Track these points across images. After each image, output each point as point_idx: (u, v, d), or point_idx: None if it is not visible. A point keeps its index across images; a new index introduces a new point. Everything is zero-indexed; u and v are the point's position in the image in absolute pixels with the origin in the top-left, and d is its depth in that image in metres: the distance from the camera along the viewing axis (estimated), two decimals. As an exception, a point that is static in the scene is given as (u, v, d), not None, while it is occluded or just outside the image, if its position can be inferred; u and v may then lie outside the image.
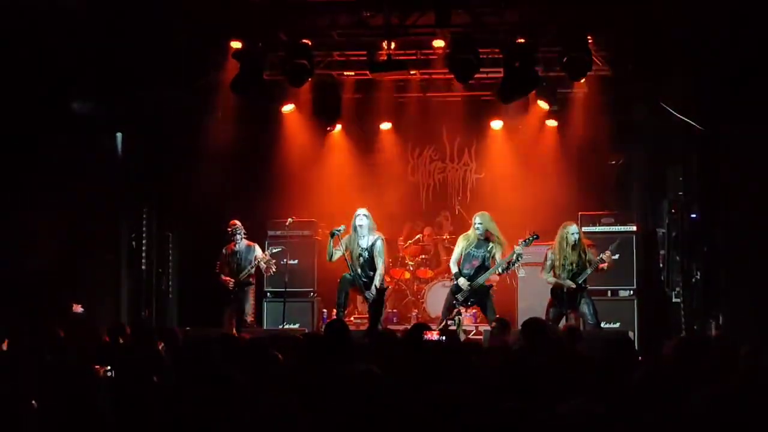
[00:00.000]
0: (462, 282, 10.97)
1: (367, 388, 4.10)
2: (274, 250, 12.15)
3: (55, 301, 10.62)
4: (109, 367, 6.47)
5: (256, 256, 11.98)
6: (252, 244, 12.20)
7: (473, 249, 11.06)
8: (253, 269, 11.99)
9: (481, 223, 11.06)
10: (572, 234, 10.82)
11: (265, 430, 3.79)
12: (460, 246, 11.23)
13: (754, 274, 10.43)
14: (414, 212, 15.11)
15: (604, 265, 10.83)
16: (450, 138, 15.47)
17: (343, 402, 4.11)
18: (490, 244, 11.02)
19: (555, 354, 6.29)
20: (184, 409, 4.52)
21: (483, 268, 10.98)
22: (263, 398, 4.04)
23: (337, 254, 11.13)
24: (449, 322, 10.63)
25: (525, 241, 10.99)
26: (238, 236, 12.02)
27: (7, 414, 4.58)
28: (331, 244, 11.09)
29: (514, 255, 10.85)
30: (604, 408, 4.15)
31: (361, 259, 11.11)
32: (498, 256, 10.94)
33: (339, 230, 11.04)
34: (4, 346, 7.29)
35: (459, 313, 10.94)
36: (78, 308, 10.92)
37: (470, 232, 11.22)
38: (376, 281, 11.09)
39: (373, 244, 11.14)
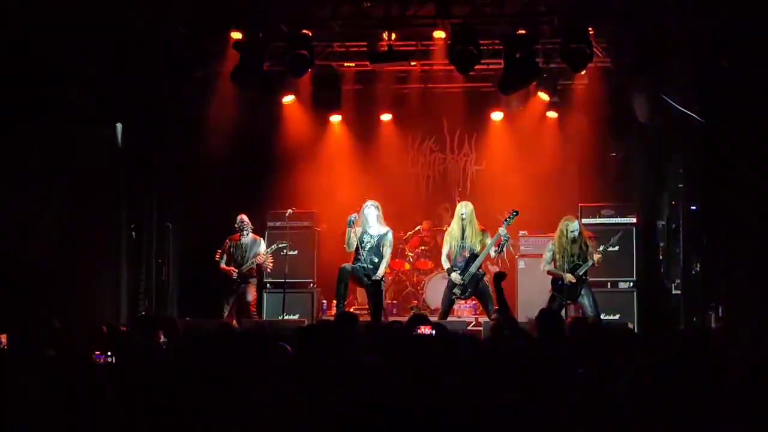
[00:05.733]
0: (455, 276, 11.04)
1: (373, 379, 4.11)
2: (280, 245, 12.12)
3: (54, 293, 10.60)
4: (109, 353, 6.47)
5: (257, 253, 11.97)
6: (258, 238, 12.21)
7: (461, 241, 11.10)
8: (255, 264, 11.99)
9: (465, 213, 11.10)
10: (572, 231, 10.86)
11: (266, 421, 3.79)
12: (448, 242, 11.27)
13: (753, 266, 10.43)
14: (414, 204, 15.09)
15: (597, 260, 10.86)
16: (450, 129, 15.46)
17: (348, 393, 4.12)
18: (473, 233, 11.06)
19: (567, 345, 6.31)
20: (184, 399, 4.52)
21: (473, 257, 11.03)
22: (264, 389, 4.05)
23: (354, 242, 11.19)
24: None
25: (507, 220, 11.02)
26: (245, 231, 12.04)
27: (7, 409, 4.59)
28: (349, 232, 11.14)
29: (501, 236, 10.87)
30: (603, 400, 4.16)
31: (369, 244, 11.20)
32: (486, 242, 11.00)
33: (354, 218, 11.14)
34: (3, 340, 7.27)
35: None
36: None
37: (454, 225, 11.25)
38: (382, 267, 11.19)
39: (384, 235, 11.29)
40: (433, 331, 6.84)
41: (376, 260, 11.22)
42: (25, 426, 4.48)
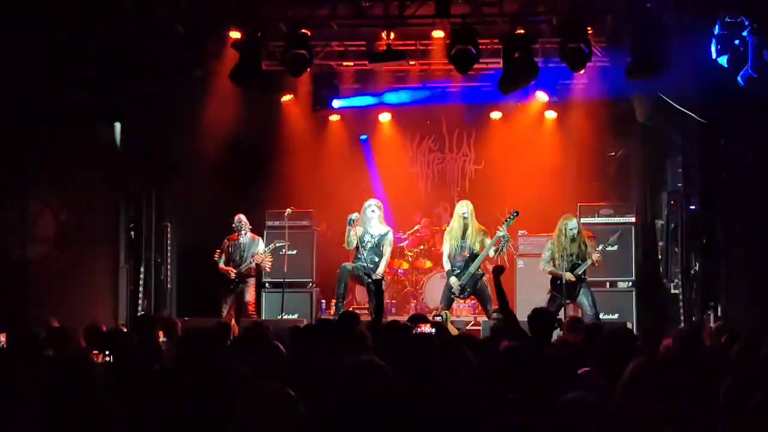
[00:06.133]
0: (453, 281, 11.03)
1: (369, 378, 4.10)
2: (278, 244, 12.12)
3: (53, 292, 10.60)
4: (107, 352, 6.47)
5: (255, 253, 11.95)
6: (256, 237, 12.20)
7: (460, 241, 11.09)
8: (253, 263, 11.97)
9: (466, 212, 11.09)
10: (571, 229, 10.85)
11: (264, 420, 3.79)
12: (447, 242, 11.26)
13: (752, 265, 10.44)
14: (413, 203, 15.10)
15: (596, 259, 10.84)
16: (449, 129, 15.46)
17: (345, 392, 4.11)
18: (474, 232, 11.05)
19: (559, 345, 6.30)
20: (183, 398, 4.52)
21: (472, 257, 11.01)
22: (263, 387, 4.04)
23: (354, 241, 11.22)
24: (437, 318, 10.63)
25: (507, 220, 10.99)
26: (243, 231, 12.02)
27: (7, 408, 4.58)
28: (349, 231, 11.18)
29: (500, 237, 10.85)
30: (603, 399, 4.16)
31: (369, 244, 11.25)
32: (486, 241, 10.98)
33: (355, 218, 11.18)
34: (2, 339, 7.26)
35: (445, 309, 10.98)
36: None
37: (453, 224, 11.24)
38: (382, 265, 11.23)
39: (384, 234, 11.34)
40: (433, 330, 6.85)
41: (377, 259, 11.27)
42: (23, 425, 4.48)
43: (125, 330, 8.52)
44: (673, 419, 4.01)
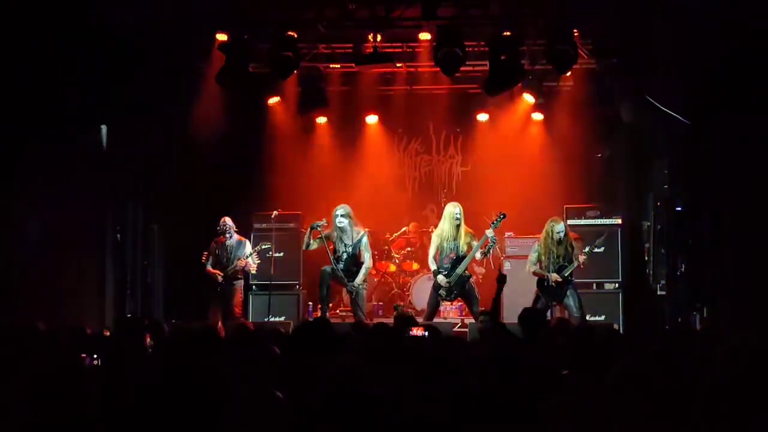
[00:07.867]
0: (441, 279, 11.05)
1: (352, 380, 4.10)
2: (264, 246, 12.13)
3: (39, 295, 10.54)
4: (95, 356, 6.44)
5: (239, 257, 11.93)
6: (243, 239, 12.19)
7: (449, 242, 11.11)
8: (239, 267, 11.96)
9: (459, 213, 11.12)
10: (558, 232, 10.91)
11: (251, 423, 3.79)
12: (435, 242, 11.29)
13: (738, 266, 10.48)
14: (400, 205, 15.10)
15: (582, 261, 10.90)
16: (436, 131, 15.48)
17: (328, 395, 4.11)
18: (463, 234, 11.08)
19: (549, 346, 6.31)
20: (170, 401, 4.51)
21: (459, 259, 11.04)
22: (249, 391, 4.04)
23: (314, 245, 11.35)
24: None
25: (494, 222, 11.03)
26: (228, 234, 12.01)
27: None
28: (310, 235, 11.28)
29: (488, 239, 10.89)
30: (587, 401, 4.17)
31: (345, 255, 11.28)
32: (473, 243, 11.01)
33: (320, 225, 11.20)
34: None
35: (431, 311, 11.11)
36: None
37: (444, 225, 11.25)
38: (361, 274, 11.23)
39: (358, 241, 11.30)
40: (426, 333, 6.85)
41: (354, 269, 11.31)
42: (12, 429, 4.47)
43: (110, 333, 8.47)
44: (658, 421, 4.03)
